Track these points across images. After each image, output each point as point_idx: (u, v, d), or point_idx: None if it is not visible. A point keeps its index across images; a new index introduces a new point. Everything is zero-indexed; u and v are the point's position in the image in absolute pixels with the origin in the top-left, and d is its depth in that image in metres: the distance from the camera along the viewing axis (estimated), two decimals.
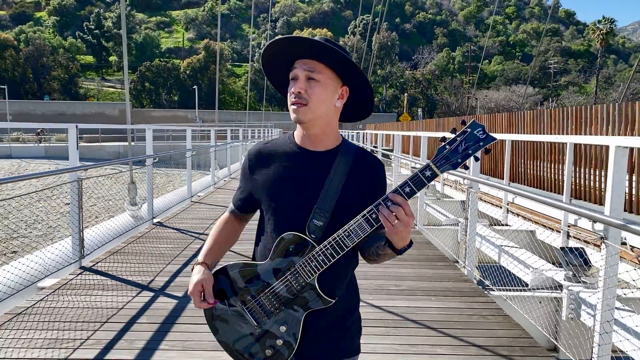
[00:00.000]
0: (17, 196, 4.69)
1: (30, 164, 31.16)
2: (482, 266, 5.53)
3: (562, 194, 6.17)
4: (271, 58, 1.36)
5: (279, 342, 1.32)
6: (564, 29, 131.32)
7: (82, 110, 54.91)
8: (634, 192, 5.39)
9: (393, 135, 11.26)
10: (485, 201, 8.08)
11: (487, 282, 4.59)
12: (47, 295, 3.82)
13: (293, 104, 1.29)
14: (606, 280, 2.42)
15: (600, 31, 62.52)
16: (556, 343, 3.92)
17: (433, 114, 70.30)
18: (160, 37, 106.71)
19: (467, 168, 1.18)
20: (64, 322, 3.32)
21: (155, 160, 6.51)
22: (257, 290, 1.32)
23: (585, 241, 5.28)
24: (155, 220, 6.60)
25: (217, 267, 1.40)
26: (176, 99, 75.52)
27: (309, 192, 1.31)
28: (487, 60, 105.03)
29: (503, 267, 5.20)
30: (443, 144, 1.17)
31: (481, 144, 1.15)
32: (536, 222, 6.52)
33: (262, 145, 1.42)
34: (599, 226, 2.65)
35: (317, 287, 1.28)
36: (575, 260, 4.20)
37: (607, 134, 6.26)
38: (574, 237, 5.49)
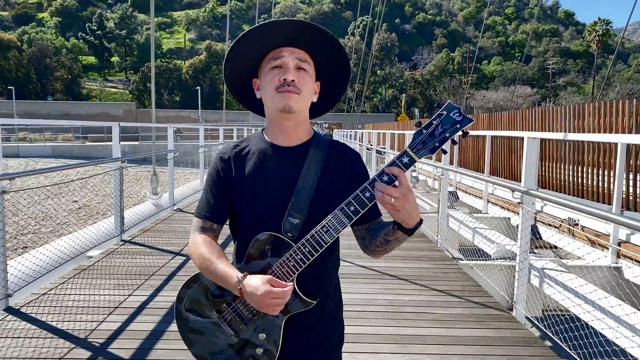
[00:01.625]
0: (69, 181, 5.62)
1: (38, 162, 32.12)
2: (462, 249, 6.51)
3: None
4: (245, 48, 1.28)
5: (259, 350, 1.26)
6: (563, 29, 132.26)
7: (87, 110, 55.92)
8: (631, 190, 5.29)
9: (383, 133, 12.24)
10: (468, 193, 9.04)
11: (457, 254, 5.55)
12: (101, 259, 4.79)
13: (285, 92, 1.23)
14: (523, 233, 3.38)
15: (596, 33, 63.47)
16: (512, 302, 4.86)
17: (432, 114, 71.12)
18: (161, 37, 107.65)
19: (445, 152, 1.17)
20: (122, 274, 4.41)
21: (176, 155, 7.48)
22: (232, 297, 1.26)
23: (545, 222, 6.23)
24: (175, 207, 7.58)
25: (190, 276, 1.35)
26: (178, 99, 76.44)
27: (284, 189, 1.27)
28: (486, 61, 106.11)
29: (477, 246, 6.16)
30: (419, 128, 1.15)
31: (458, 126, 1.12)
32: (508, 209, 7.48)
33: (232, 146, 1.36)
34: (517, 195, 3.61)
35: (296, 288, 1.22)
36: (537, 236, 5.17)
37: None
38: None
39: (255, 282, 1.17)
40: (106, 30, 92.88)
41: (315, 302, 1.24)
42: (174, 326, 3.27)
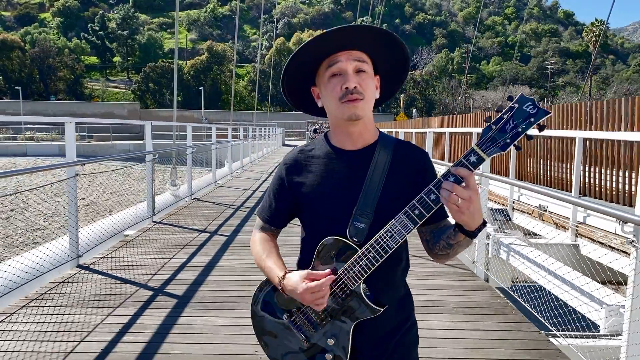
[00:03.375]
0: (102, 172, 6.46)
1: (45, 161, 32.96)
2: None
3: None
4: (301, 59, 1.26)
5: (329, 356, 1.25)
6: (562, 29, 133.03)
7: (92, 110, 56.88)
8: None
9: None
10: None
11: None
12: (139, 235, 5.70)
13: (350, 100, 1.21)
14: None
15: (593, 33, 64.29)
16: (487, 273, 5.74)
17: (431, 113, 72.11)
18: (163, 38, 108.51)
19: (518, 149, 1.11)
20: (161, 245, 5.29)
21: (194, 150, 8.40)
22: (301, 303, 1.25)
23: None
24: (193, 197, 8.53)
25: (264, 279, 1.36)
26: (180, 99, 77.28)
27: (350, 193, 1.25)
28: (485, 61, 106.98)
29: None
30: (488, 124, 1.08)
31: (532, 120, 1.04)
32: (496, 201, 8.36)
33: (297, 152, 1.37)
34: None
35: (363, 295, 1.21)
36: (498, 216, 6.07)
37: None
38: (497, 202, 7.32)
39: (294, 280, 1.20)
40: (108, 31, 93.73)
41: (382, 310, 1.21)
42: (208, 275, 4.21)
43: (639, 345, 2.52)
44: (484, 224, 1.14)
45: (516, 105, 1.05)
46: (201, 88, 57.88)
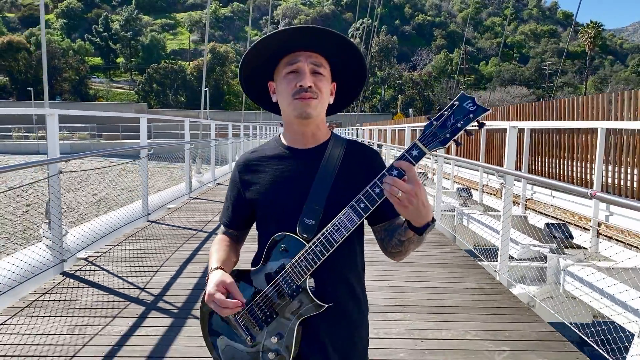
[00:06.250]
0: (121, 163, 7.58)
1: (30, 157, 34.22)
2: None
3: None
4: (260, 52, 1.29)
5: (271, 355, 1.23)
6: (561, 30, 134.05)
7: (100, 110, 58.11)
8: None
9: (373, 129, 14.42)
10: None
11: None
12: (174, 210, 6.95)
13: (303, 98, 1.24)
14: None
15: (588, 35, 65.40)
16: (454, 234, 6.96)
17: (430, 113, 73.09)
18: (165, 39, 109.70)
19: (458, 144, 1.13)
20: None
21: (217, 144, 9.77)
22: (249, 299, 1.25)
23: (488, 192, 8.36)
24: (216, 182, 10.03)
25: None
26: (183, 99, 78.31)
27: (299, 191, 1.27)
28: (484, 62, 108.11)
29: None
30: (430, 120, 1.11)
31: (471, 116, 1.08)
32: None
33: (249, 154, 1.39)
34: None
35: (308, 290, 1.20)
36: (463, 193, 7.40)
37: None
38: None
39: (212, 280, 1.22)
40: (112, 32, 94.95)
41: (326, 306, 1.20)
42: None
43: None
44: (433, 220, 1.14)
45: (457, 102, 1.09)
46: (206, 89, 59.02)
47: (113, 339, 2.88)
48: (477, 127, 1.11)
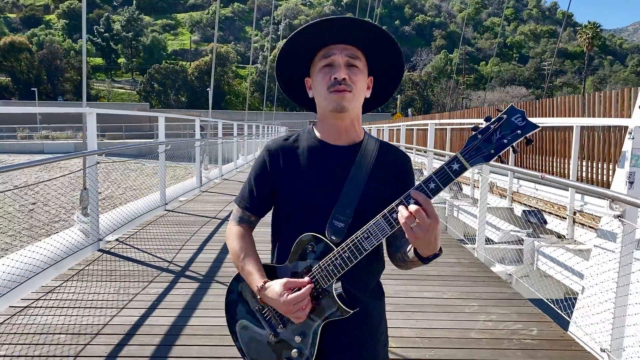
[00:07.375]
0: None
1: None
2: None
3: None
4: (295, 46, 1.28)
5: (295, 352, 1.25)
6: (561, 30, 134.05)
7: (104, 110, 58.56)
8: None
9: (372, 128, 15.09)
10: None
11: None
12: (185, 202, 7.60)
13: (337, 91, 1.22)
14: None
15: (587, 35, 65.93)
16: (446, 224, 7.61)
17: (429, 113, 73.78)
18: (166, 39, 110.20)
19: (502, 161, 1.07)
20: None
21: (223, 141, 10.42)
22: None
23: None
24: (223, 177, 10.75)
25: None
26: (184, 99, 78.84)
27: (331, 190, 1.24)
28: (484, 62, 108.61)
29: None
30: (474, 132, 1.05)
31: (519, 132, 1.02)
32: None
33: (281, 140, 1.35)
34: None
35: (334, 295, 1.20)
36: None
37: None
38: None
39: (275, 292, 1.20)
40: (113, 33, 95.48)
41: (352, 312, 1.20)
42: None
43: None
44: (440, 251, 1.12)
45: (504, 115, 1.03)
46: (208, 89, 59.64)
47: (152, 297, 3.51)
48: (525, 143, 1.05)
